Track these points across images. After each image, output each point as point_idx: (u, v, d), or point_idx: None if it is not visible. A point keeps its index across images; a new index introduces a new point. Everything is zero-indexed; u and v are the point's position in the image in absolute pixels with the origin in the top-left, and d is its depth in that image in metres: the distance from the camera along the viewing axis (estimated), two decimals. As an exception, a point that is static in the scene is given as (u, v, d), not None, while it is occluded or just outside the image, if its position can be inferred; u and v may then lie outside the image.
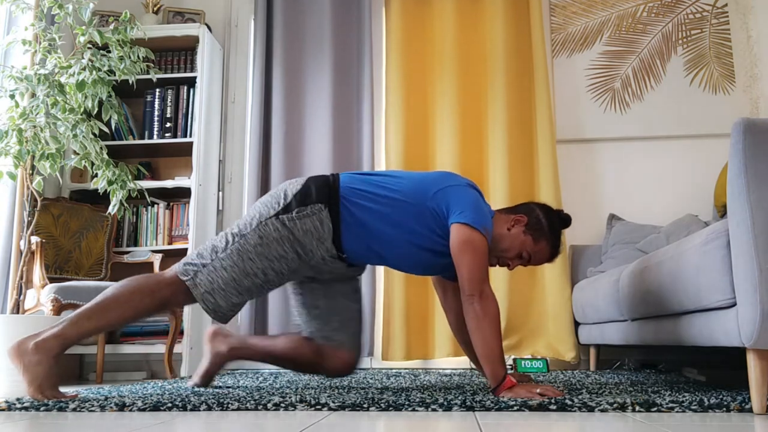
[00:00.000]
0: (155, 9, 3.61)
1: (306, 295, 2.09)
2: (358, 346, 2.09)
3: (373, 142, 3.49)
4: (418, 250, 1.92)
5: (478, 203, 1.89)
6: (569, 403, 1.48)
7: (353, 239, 1.90)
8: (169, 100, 3.48)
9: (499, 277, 3.29)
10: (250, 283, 1.87)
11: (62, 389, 1.81)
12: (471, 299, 1.78)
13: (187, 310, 3.13)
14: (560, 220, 2.00)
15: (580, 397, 1.65)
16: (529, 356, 3.21)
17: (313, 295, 2.08)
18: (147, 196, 2.72)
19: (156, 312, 1.91)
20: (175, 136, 3.44)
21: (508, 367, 3.16)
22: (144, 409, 1.54)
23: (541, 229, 1.95)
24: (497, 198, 3.37)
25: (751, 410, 1.42)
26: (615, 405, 1.46)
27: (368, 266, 3.33)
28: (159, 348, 3.08)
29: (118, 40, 2.36)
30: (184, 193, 3.41)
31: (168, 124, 3.46)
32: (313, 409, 1.51)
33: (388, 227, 1.89)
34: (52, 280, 2.76)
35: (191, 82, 3.48)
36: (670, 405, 1.45)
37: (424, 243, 1.90)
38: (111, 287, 1.86)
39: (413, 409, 1.49)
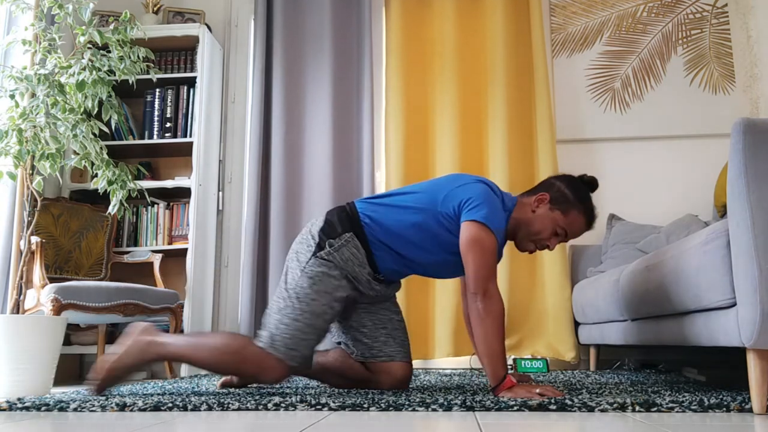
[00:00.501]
0: (155, 9, 3.61)
1: (350, 318, 2.08)
2: (409, 356, 2.06)
3: (373, 141, 3.49)
4: (445, 255, 1.93)
5: (489, 198, 1.86)
6: (569, 403, 1.48)
7: (385, 259, 1.94)
8: (169, 100, 3.48)
9: (499, 277, 3.29)
10: (322, 322, 1.88)
11: (62, 389, 1.81)
12: (475, 297, 1.78)
13: (187, 311, 3.13)
14: (585, 184, 1.97)
15: (580, 397, 1.65)
16: (529, 356, 3.21)
17: (357, 317, 2.07)
18: (147, 196, 2.72)
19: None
20: (175, 136, 3.44)
21: (507, 366, 3.17)
22: (145, 409, 1.54)
23: (567, 201, 1.92)
24: (497, 198, 3.37)
25: (751, 410, 1.42)
26: (615, 405, 1.46)
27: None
28: (159, 348, 3.07)
29: (118, 40, 2.36)
30: (184, 193, 3.41)
31: (168, 124, 3.46)
32: (313, 409, 1.51)
33: (411, 241, 1.91)
34: (52, 280, 2.76)
35: (191, 82, 3.48)
36: (670, 405, 1.45)
37: (448, 247, 1.91)
38: (227, 339, 1.87)
39: (413, 409, 1.49)
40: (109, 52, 2.36)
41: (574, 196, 1.93)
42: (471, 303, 1.79)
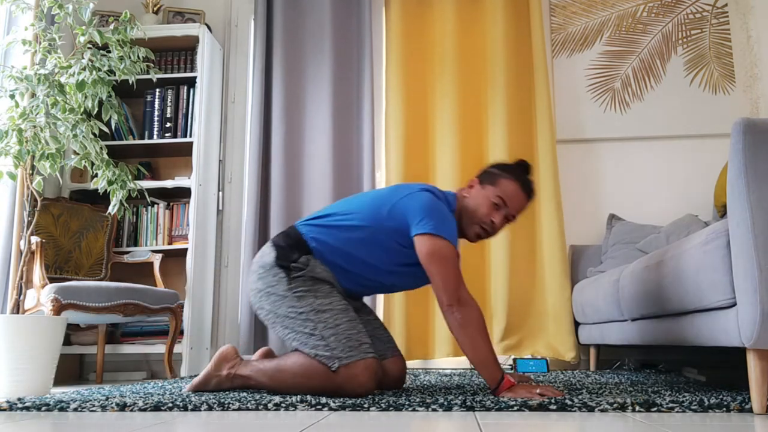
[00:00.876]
0: (155, 9, 3.61)
1: None
2: (398, 349, 2.06)
3: (373, 141, 3.49)
4: (400, 267, 1.92)
5: (434, 205, 1.84)
6: (569, 403, 1.48)
7: (341, 279, 1.93)
8: (169, 100, 3.48)
9: (499, 277, 3.30)
10: (352, 313, 1.85)
11: (62, 389, 1.81)
12: (450, 309, 1.77)
13: (187, 311, 3.13)
14: (516, 163, 2.00)
15: (580, 397, 1.65)
16: (529, 356, 3.21)
17: None
18: (147, 196, 2.72)
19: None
20: (175, 136, 3.44)
21: (507, 366, 3.17)
22: (145, 409, 1.54)
23: (494, 174, 1.95)
24: (497, 198, 3.37)
25: (751, 410, 1.42)
26: (615, 405, 1.46)
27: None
28: (159, 348, 3.08)
29: (118, 40, 2.36)
30: (184, 193, 3.41)
31: (168, 124, 3.46)
32: (313, 409, 1.51)
33: (362, 260, 1.90)
34: (52, 280, 2.76)
35: (191, 82, 3.48)
36: (670, 405, 1.45)
37: (401, 259, 1.90)
38: (294, 367, 1.82)
39: (413, 409, 1.49)
40: (109, 52, 2.36)
41: (500, 169, 1.96)
42: (448, 316, 1.77)
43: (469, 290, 1.85)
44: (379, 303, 3.37)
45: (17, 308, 2.29)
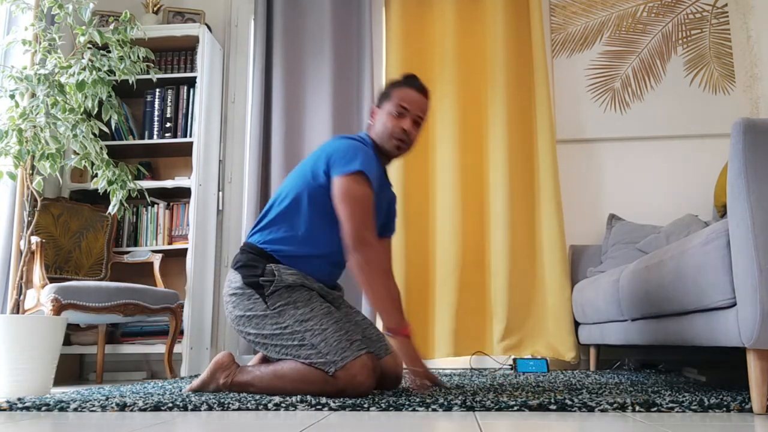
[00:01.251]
0: (155, 9, 3.61)
1: None
2: (390, 348, 2.05)
3: (373, 142, 3.49)
4: None
5: (344, 145, 1.89)
6: (569, 403, 1.48)
7: (311, 268, 1.92)
8: (169, 100, 3.48)
9: (499, 277, 3.30)
10: (336, 315, 1.85)
11: (62, 389, 1.81)
12: (354, 250, 1.78)
13: (187, 311, 3.13)
14: (401, 75, 2.07)
15: (580, 397, 1.65)
16: (529, 356, 3.21)
17: None
18: (147, 196, 2.72)
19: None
20: (175, 136, 3.44)
21: (507, 366, 3.17)
22: (145, 409, 1.54)
23: (386, 92, 2.03)
24: (497, 197, 3.37)
25: (751, 410, 1.42)
26: (615, 405, 1.46)
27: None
28: (159, 348, 3.08)
29: (118, 40, 2.36)
30: (184, 193, 3.41)
31: (168, 124, 3.46)
32: (313, 409, 1.51)
33: (318, 235, 1.90)
34: (52, 280, 2.76)
35: (191, 82, 3.48)
36: (670, 405, 1.45)
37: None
38: (292, 374, 1.80)
39: (413, 409, 1.49)
40: (109, 52, 2.36)
41: (388, 86, 2.05)
42: (351, 258, 1.77)
43: (469, 290, 1.85)
44: (379, 303, 3.37)
45: (17, 308, 2.29)
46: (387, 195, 2.11)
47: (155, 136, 3.45)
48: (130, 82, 2.47)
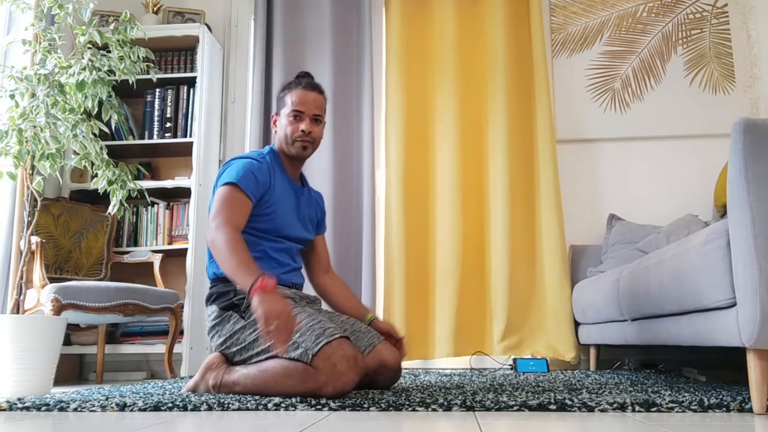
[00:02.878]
0: (155, 9, 3.61)
1: None
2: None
3: (374, 142, 3.49)
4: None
5: (226, 168, 2.01)
6: (569, 403, 1.48)
7: (283, 270, 2.04)
8: (169, 100, 3.48)
9: (499, 277, 3.30)
10: (310, 310, 1.91)
11: (62, 389, 1.81)
12: (210, 234, 1.86)
13: (187, 311, 3.13)
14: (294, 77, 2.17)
15: (580, 397, 1.65)
16: (529, 356, 3.21)
17: None
18: (147, 196, 2.72)
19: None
20: (175, 136, 3.44)
21: (507, 366, 3.17)
22: (145, 409, 1.54)
23: (279, 98, 2.13)
24: (497, 197, 3.37)
25: (751, 410, 1.42)
26: (615, 405, 1.46)
27: (365, 270, 3.34)
28: (159, 348, 3.08)
29: (118, 40, 2.36)
30: (184, 193, 3.41)
31: (168, 124, 3.46)
32: (313, 409, 1.51)
33: (250, 244, 1.96)
34: (52, 280, 2.76)
35: (191, 82, 3.48)
36: (670, 405, 1.45)
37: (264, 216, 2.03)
38: (276, 367, 1.81)
39: (413, 409, 1.49)
40: (109, 52, 2.36)
41: (280, 91, 2.14)
42: (207, 237, 1.89)
43: (469, 290, 1.85)
44: (379, 303, 3.37)
45: (17, 308, 2.29)
46: (307, 196, 2.20)
47: (155, 136, 3.45)
48: (130, 82, 2.47)
